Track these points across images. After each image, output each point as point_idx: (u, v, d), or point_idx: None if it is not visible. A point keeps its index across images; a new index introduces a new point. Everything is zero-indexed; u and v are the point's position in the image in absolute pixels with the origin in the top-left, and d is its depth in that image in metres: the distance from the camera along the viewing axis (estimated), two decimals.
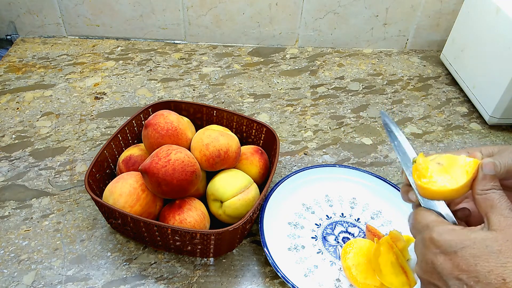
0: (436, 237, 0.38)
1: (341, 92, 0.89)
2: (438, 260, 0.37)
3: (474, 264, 0.35)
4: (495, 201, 0.38)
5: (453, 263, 0.36)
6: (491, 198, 0.38)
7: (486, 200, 0.39)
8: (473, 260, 0.35)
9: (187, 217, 0.54)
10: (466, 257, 0.36)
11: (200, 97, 0.85)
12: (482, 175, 0.40)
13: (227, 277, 0.55)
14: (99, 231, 0.59)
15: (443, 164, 0.42)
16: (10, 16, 0.94)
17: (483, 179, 0.40)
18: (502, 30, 0.77)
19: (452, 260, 0.36)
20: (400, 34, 1.03)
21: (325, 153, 0.75)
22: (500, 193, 0.39)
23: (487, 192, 0.39)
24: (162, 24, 0.97)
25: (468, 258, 0.35)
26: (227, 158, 0.58)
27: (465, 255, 0.36)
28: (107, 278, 0.54)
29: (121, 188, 0.54)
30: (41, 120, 0.76)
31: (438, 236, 0.38)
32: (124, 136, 0.64)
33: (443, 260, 0.37)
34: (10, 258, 0.55)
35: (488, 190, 0.39)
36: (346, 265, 0.54)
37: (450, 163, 0.42)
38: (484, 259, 0.35)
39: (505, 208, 0.37)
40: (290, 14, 0.97)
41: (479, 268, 0.35)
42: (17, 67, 0.88)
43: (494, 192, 0.39)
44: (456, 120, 0.85)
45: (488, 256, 0.35)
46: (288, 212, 0.63)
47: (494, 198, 0.38)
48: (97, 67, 0.90)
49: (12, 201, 0.62)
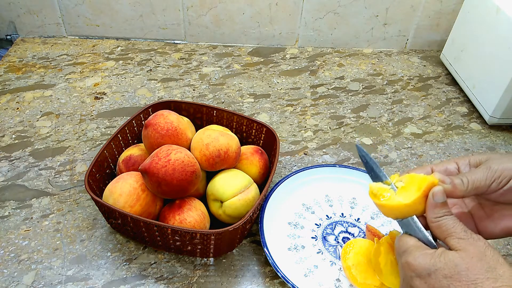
0: (411, 261, 0.40)
1: (341, 92, 0.89)
2: (415, 283, 0.39)
3: (447, 285, 0.37)
4: (449, 228, 0.40)
5: (428, 285, 0.38)
6: (445, 224, 0.40)
7: (440, 227, 0.40)
8: (446, 281, 0.37)
9: (187, 217, 0.54)
10: (439, 278, 0.37)
11: (200, 97, 0.85)
12: (433, 204, 0.41)
13: (227, 277, 0.55)
14: (99, 231, 0.59)
15: (403, 183, 0.45)
16: (10, 16, 0.94)
17: (434, 207, 0.41)
18: (502, 30, 0.77)
19: (427, 282, 0.38)
20: (400, 34, 1.03)
21: (325, 153, 0.75)
22: (452, 218, 0.40)
23: (439, 219, 0.41)
24: (162, 24, 0.97)
25: (441, 280, 0.37)
26: (227, 158, 0.58)
27: (438, 276, 0.37)
28: (107, 278, 0.54)
29: (121, 188, 0.54)
30: (41, 120, 0.76)
31: (413, 260, 0.40)
32: (124, 136, 0.64)
33: (419, 283, 0.38)
34: (10, 258, 0.55)
35: (440, 217, 0.41)
36: (346, 265, 0.54)
37: (410, 181, 0.44)
38: (456, 278, 0.36)
39: (460, 231, 0.39)
40: (290, 14, 0.97)
41: None
42: (17, 67, 0.88)
43: (446, 218, 0.40)
44: (456, 120, 0.85)
45: (459, 275, 0.36)
46: (288, 212, 0.63)
47: (448, 224, 0.40)
48: (97, 67, 0.90)
49: (12, 201, 0.62)
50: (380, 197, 0.45)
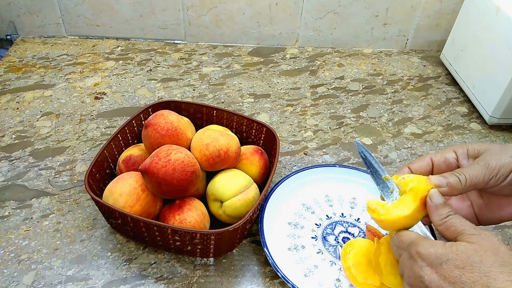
0: (422, 251, 0.39)
1: (341, 92, 0.89)
2: (425, 273, 0.38)
3: (459, 276, 0.36)
4: (458, 227, 0.39)
5: (439, 275, 0.37)
6: (453, 224, 0.40)
7: (449, 228, 0.40)
8: (458, 271, 0.36)
9: (187, 217, 0.54)
10: (451, 269, 0.37)
11: (200, 97, 0.85)
12: (434, 207, 0.41)
13: (227, 277, 0.55)
14: (99, 231, 0.59)
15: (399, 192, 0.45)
16: (10, 16, 0.94)
17: (436, 209, 0.41)
18: (502, 30, 0.77)
19: (438, 272, 0.37)
20: (400, 34, 1.03)
21: (325, 153, 0.75)
22: (458, 217, 0.40)
23: (445, 220, 0.40)
24: (162, 24, 0.97)
25: (453, 270, 0.37)
26: (227, 158, 0.58)
27: (450, 267, 0.37)
28: (107, 278, 0.54)
29: (121, 188, 0.54)
30: (41, 120, 0.76)
31: (424, 249, 0.39)
32: (124, 136, 0.64)
33: (430, 273, 0.38)
34: (10, 258, 0.55)
35: (445, 218, 0.40)
36: (346, 265, 0.54)
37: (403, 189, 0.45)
38: (468, 270, 0.36)
39: (470, 228, 0.39)
40: (290, 14, 0.97)
41: (464, 279, 0.36)
42: (17, 67, 0.88)
43: (452, 218, 0.40)
44: (456, 120, 0.85)
45: (472, 267, 0.36)
46: (288, 212, 0.63)
47: (455, 223, 0.40)
48: (97, 67, 0.90)
49: (12, 201, 0.62)
50: (378, 212, 0.45)
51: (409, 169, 0.49)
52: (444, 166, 0.48)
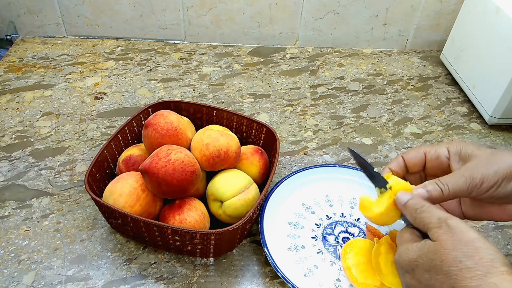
0: (397, 258, 0.41)
1: (341, 92, 0.89)
2: (406, 279, 0.39)
3: (429, 278, 0.37)
4: (425, 221, 0.40)
5: (416, 280, 0.38)
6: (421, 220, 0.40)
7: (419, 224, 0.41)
8: (428, 275, 0.37)
9: (187, 217, 0.54)
10: (422, 273, 0.37)
11: (200, 97, 0.85)
12: (401, 206, 0.43)
13: (227, 277, 0.55)
14: (99, 231, 0.59)
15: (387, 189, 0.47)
16: (10, 16, 0.94)
17: (404, 208, 0.43)
18: (502, 30, 0.77)
19: (414, 277, 0.38)
20: (400, 34, 1.03)
21: (325, 153, 0.75)
22: (426, 210, 0.40)
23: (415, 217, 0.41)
24: (162, 24, 0.97)
25: (424, 274, 0.37)
26: (227, 158, 0.58)
27: (421, 271, 0.37)
28: (107, 278, 0.54)
29: (121, 188, 0.54)
30: (41, 120, 0.76)
31: (399, 257, 0.40)
32: (124, 136, 0.64)
33: (409, 279, 0.39)
34: (10, 258, 0.55)
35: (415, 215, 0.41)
36: (346, 265, 0.54)
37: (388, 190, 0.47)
38: (434, 272, 0.36)
39: (435, 220, 0.39)
40: (290, 14, 0.97)
41: (434, 282, 0.36)
42: (17, 67, 0.88)
43: (420, 213, 0.41)
44: (456, 120, 0.85)
45: (436, 268, 0.36)
46: (288, 212, 0.63)
47: (423, 218, 0.40)
48: (97, 67, 0.90)
49: (12, 201, 0.62)
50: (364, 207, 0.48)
51: (403, 159, 0.50)
52: (436, 163, 0.49)
